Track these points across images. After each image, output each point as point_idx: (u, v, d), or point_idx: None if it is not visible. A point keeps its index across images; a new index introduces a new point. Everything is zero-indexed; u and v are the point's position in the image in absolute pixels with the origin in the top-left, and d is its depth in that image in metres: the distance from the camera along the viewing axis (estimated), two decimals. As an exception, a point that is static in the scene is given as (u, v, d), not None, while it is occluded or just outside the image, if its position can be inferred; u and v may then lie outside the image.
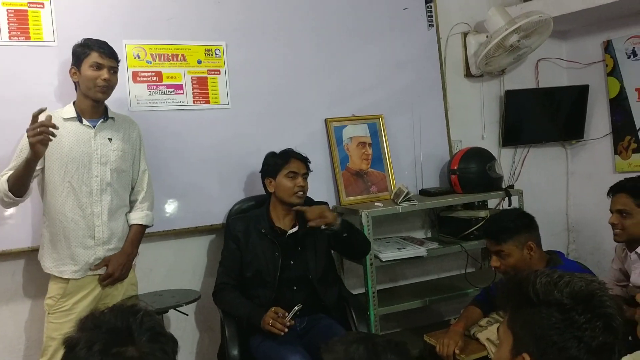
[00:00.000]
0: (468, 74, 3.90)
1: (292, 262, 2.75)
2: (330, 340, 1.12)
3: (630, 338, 2.52)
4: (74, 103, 2.53)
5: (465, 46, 3.86)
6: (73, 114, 2.50)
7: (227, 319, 2.74)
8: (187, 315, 2.99)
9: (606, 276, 2.94)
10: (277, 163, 2.80)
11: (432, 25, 3.70)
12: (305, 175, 2.80)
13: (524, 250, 2.37)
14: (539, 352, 1.13)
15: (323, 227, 2.61)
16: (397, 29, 3.59)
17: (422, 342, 2.79)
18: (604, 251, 3.82)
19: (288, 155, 2.81)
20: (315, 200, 2.94)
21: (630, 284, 2.83)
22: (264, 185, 2.85)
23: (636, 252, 2.70)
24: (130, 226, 2.64)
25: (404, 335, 3.46)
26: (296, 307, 2.50)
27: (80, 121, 2.50)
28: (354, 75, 3.48)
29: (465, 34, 3.87)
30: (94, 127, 2.51)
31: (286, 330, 2.46)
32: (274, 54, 3.28)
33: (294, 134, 3.27)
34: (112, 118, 2.59)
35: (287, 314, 2.49)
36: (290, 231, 2.80)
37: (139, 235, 2.66)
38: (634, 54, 3.76)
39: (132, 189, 2.68)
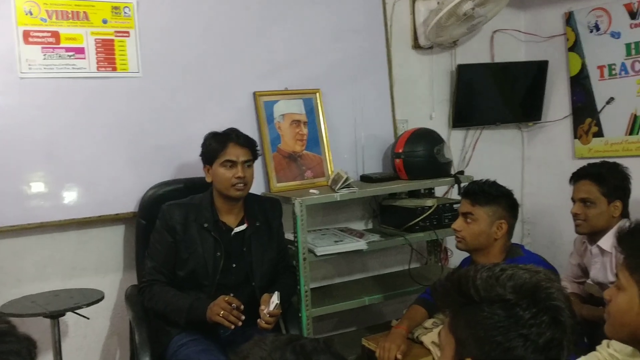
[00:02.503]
0: (416, 46, 3.90)
1: (234, 265, 2.72)
2: (243, 345, 1.03)
3: (585, 340, 2.63)
4: None
5: (413, 13, 3.84)
6: None
7: (137, 322, 2.69)
8: (89, 319, 2.90)
9: (563, 272, 3.03)
10: (213, 148, 2.69)
11: (378, -12, 3.57)
12: (247, 163, 2.70)
13: (494, 225, 2.48)
14: (483, 355, 1.13)
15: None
16: (336, -10, 3.56)
17: (360, 347, 2.82)
18: (561, 245, 3.91)
19: (226, 140, 2.69)
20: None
21: (589, 280, 2.94)
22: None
23: (598, 246, 2.79)
24: None
25: (341, 338, 3.48)
26: (276, 299, 2.51)
27: None
28: (287, 43, 3.44)
29: (414, 0, 3.84)
30: None
31: (239, 324, 2.44)
32: (193, 15, 3.22)
33: (217, 108, 3.25)
34: None
35: (242, 306, 2.47)
36: (237, 229, 2.75)
37: None
38: (597, 27, 3.81)
39: None
